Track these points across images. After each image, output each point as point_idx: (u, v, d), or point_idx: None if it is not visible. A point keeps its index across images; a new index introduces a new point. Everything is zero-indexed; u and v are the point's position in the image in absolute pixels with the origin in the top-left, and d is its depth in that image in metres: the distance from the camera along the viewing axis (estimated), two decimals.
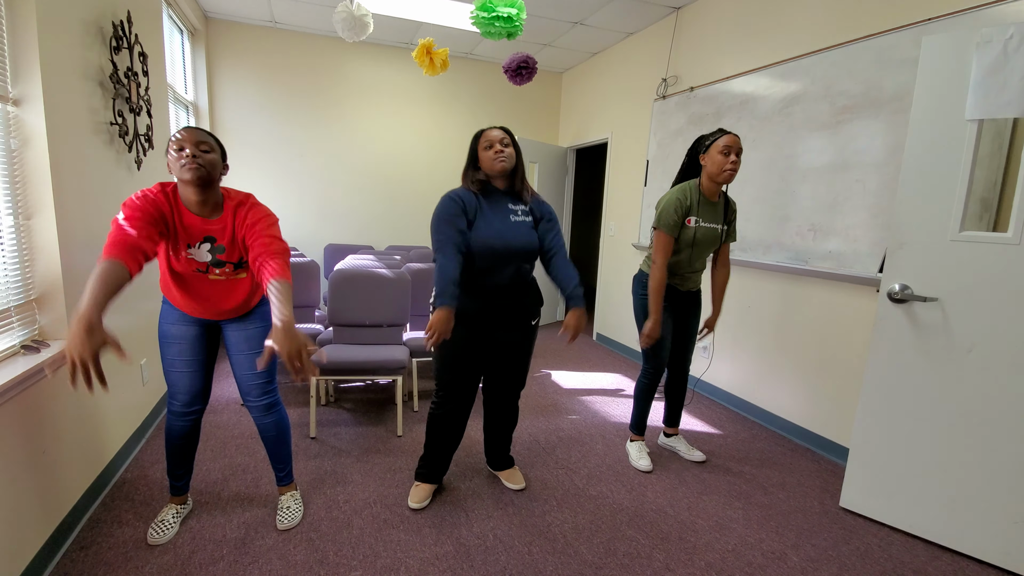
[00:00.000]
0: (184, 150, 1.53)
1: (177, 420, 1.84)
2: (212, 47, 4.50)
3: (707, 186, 2.24)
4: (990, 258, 1.82)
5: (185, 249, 1.62)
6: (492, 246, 1.90)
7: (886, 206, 2.41)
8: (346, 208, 5.13)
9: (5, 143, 1.64)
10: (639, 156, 4.34)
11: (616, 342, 4.74)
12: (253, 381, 1.87)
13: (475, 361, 2.04)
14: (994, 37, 1.76)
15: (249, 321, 1.85)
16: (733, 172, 2.15)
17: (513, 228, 1.95)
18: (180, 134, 1.57)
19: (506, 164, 1.93)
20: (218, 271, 1.69)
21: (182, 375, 1.79)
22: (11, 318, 1.66)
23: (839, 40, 2.65)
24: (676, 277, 2.34)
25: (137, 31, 2.56)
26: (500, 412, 2.23)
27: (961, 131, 1.84)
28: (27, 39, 1.68)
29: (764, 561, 1.87)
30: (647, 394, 2.49)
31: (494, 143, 1.93)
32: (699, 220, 2.24)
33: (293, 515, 1.97)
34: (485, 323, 1.99)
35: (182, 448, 1.89)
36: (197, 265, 1.66)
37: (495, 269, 1.94)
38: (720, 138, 2.16)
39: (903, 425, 2.03)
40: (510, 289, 2.00)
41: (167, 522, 1.88)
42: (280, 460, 2.01)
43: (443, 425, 2.08)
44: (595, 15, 4.06)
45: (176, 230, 1.59)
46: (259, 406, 1.90)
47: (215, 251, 1.65)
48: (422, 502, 2.11)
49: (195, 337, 1.79)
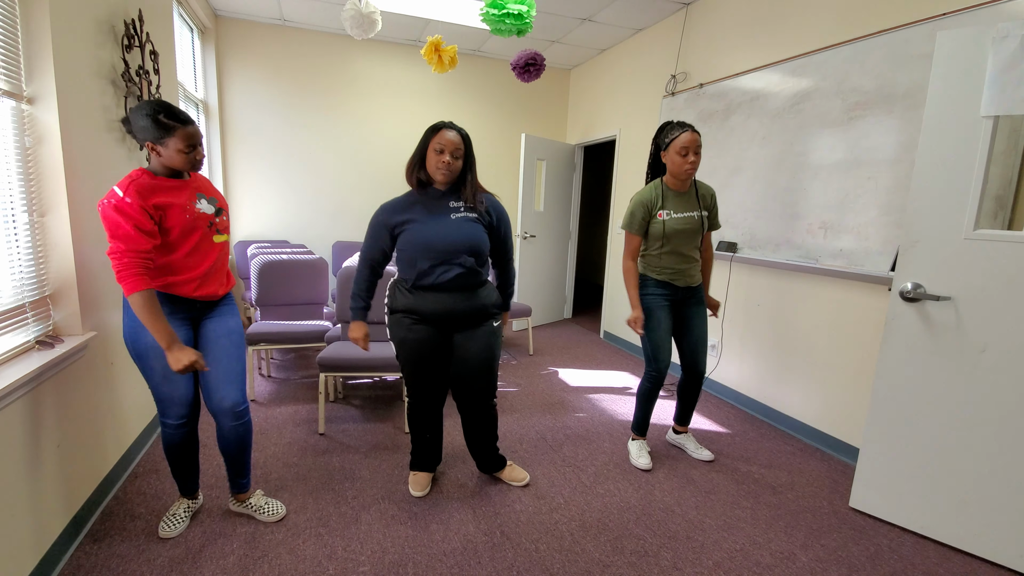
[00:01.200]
0: (196, 148, 1.65)
1: (174, 432, 1.79)
2: (222, 45, 4.53)
3: (672, 181, 2.29)
4: (1005, 257, 1.80)
5: (194, 203, 1.68)
6: (432, 245, 1.89)
7: (898, 204, 2.38)
8: (354, 205, 5.15)
9: (20, 141, 1.66)
10: (647, 153, 4.31)
11: (624, 340, 4.73)
12: (234, 381, 1.78)
13: (433, 361, 2.02)
14: (1011, 32, 1.73)
15: (228, 312, 1.86)
16: (692, 171, 2.20)
17: (454, 226, 1.92)
18: (191, 131, 1.62)
19: (448, 177, 1.91)
20: (218, 220, 1.77)
21: (175, 386, 1.71)
22: (26, 314, 1.68)
23: (851, 35, 2.62)
24: (669, 271, 2.32)
25: (148, 29, 2.58)
26: (472, 418, 2.16)
27: (976, 127, 1.81)
28: (41, 38, 1.70)
29: (773, 561, 1.86)
30: (649, 397, 2.47)
31: (446, 150, 1.87)
32: (670, 212, 2.26)
33: (274, 507, 1.98)
34: (438, 323, 1.98)
35: (183, 457, 1.86)
36: (208, 218, 1.72)
37: (437, 268, 1.91)
38: (678, 137, 2.17)
39: (914, 425, 2.01)
40: (458, 287, 1.95)
41: (178, 516, 1.90)
42: (243, 467, 1.92)
43: (417, 419, 2.13)
44: (604, 11, 4.04)
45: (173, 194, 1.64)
46: (236, 412, 1.78)
47: (211, 201, 1.76)
48: (423, 489, 2.17)
49: (183, 342, 1.67)
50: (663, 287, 2.33)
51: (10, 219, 1.62)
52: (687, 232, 2.28)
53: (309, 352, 4.07)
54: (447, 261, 1.91)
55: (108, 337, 2.10)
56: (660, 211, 2.26)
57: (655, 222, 2.27)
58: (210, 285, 1.77)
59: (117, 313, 2.20)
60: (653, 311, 2.34)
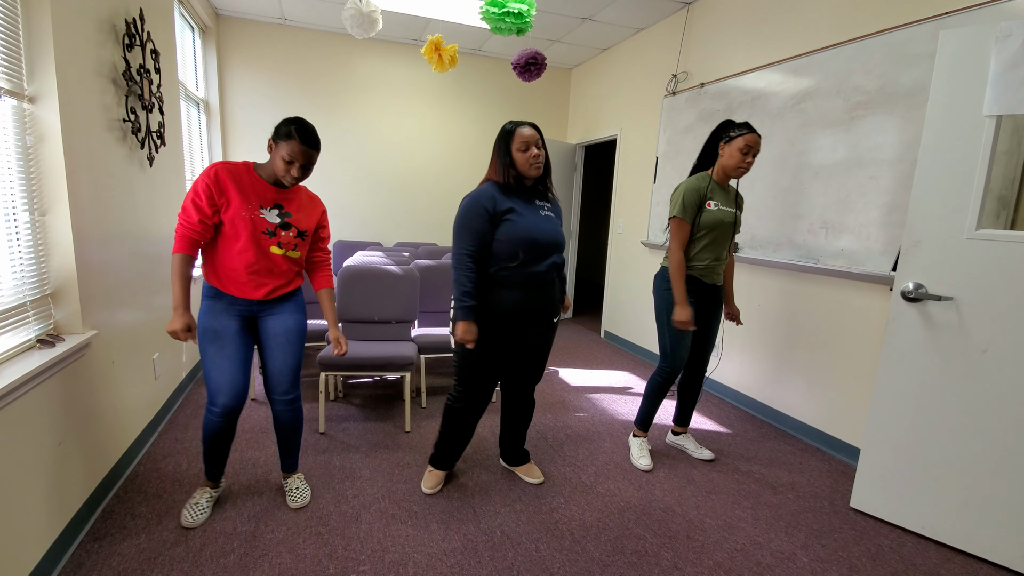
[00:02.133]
0: (294, 164, 1.74)
1: (216, 420, 1.86)
2: (223, 44, 4.53)
3: (719, 175, 2.29)
4: (1007, 257, 1.79)
5: (259, 209, 1.76)
6: (534, 238, 1.93)
7: (900, 203, 2.37)
8: (355, 204, 5.15)
9: (21, 140, 1.66)
10: (648, 153, 4.32)
11: (624, 340, 4.72)
12: (286, 374, 1.94)
13: (499, 359, 2.06)
14: (1014, 31, 1.72)
15: (288, 311, 1.93)
16: (746, 171, 2.22)
17: (545, 222, 2.00)
18: (300, 149, 1.71)
19: (541, 171, 1.98)
20: (283, 234, 1.82)
21: (224, 371, 1.81)
22: (27, 312, 1.68)
23: (853, 35, 2.61)
24: (703, 267, 2.29)
25: (149, 28, 2.58)
26: (518, 406, 2.25)
27: (979, 127, 1.81)
28: (42, 37, 1.70)
29: (773, 561, 1.85)
30: (659, 392, 2.45)
31: (531, 145, 1.92)
32: (718, 204, 2.26)
33: (303, 495, 2.08)
34: (515, 320, 1.99)
35: (220, 446, 1.94)
36: (267, 226, 1.78)
37: (535, 261, 1.96)
38: (745, 135, 2.17)
39: (916, 425, 2.01)
40: (549, 281, 2.04)
41: (200, 505, 1.94)
42: (291, 450, 2.09)
43: (460, 419, 2.13)
44: (605, 11, 4.04)
45: (249, 191, 1.76)
46: (286, 400, 1.97)
47: (283, 216, 1.82)
48: (435, 487, 2.19)
49: (236, 331, 1.83)
50: (691, 283, 2.31)
51: (11, 218, 1.62)
52: (727, 227, 2.28)
53: (309, 351, 4.06)
54: (544, 256, 1.97)
55: (109, 336, 2.10)
56: (709, 201, 2.25)
57: (706, 211, 2.24)
58: (262, 290, 1.84)
59: (118, 312, 2.20)
60: None
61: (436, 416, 2.97)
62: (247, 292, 1.82)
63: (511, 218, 1.91)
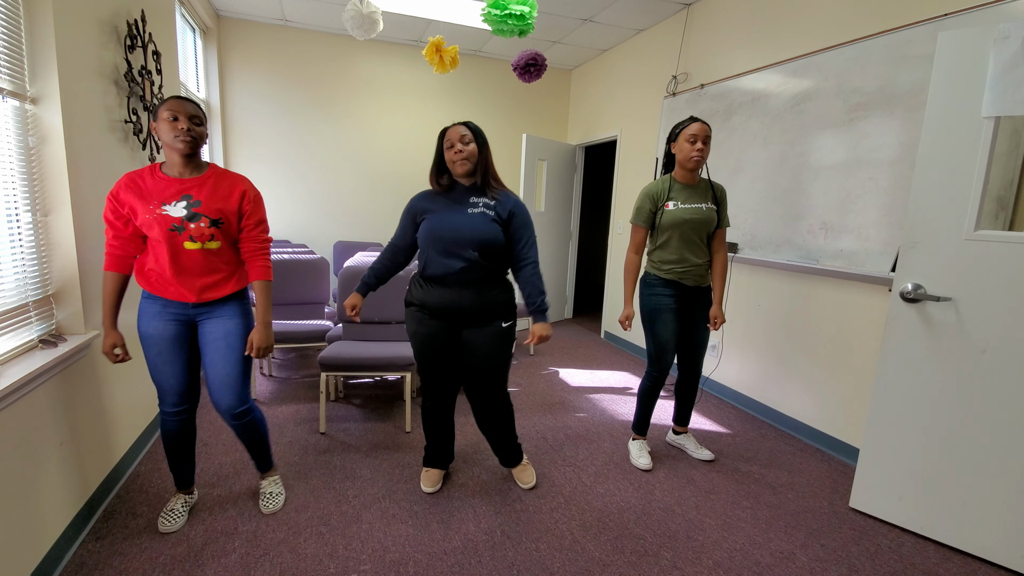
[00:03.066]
0: (178, 120, 1.63)
1: (169, 420, 1.84)
2: (224, 45, 4.54)
3: (680, 173, 2.30)
4: (1006, 258, 1.80)
5: (160, 206, 1.64)
6: (439, 235, 1.94)
7: (899, 204, 2.38)
8: (356, 205, 5.16)
9: (23, 141, 1.67)
10: (648, 153, 4.32)
11: (624, 340, 4.73)
12: (229, 384, 1.80)
13: (442, 355, 2.04)
14: (1012, 33, 1.73)
15: (228, 314, 1.78)
16: (700, 159, 2.21)
17: (467, 219, 1.93)
18: (174, 104, 1.63)
19: (467, 164, 1.94)
20: (194, 226, 1.66)
21: (165, 376, 1.78)
22: (29, 313, 1.69)
23: (853, 36, 2.62)
24: (681, 270, 2.29)
25: (151, 30, 2.59)
26: (481, 412, 2.17)
27: (977, 128, 1.82)
28: (44, 38, 1.70)
29: (772, 561, 1.86)
30: (649, 396, 2.48)
31: (455, 142, 1.93)
32: (677, 203, 2.26)
33: (275, 500, 2.05)
34: (446, 318, 2.00)
35: (178, 446, 1.89)
36: (171, 222, 1.63)
37: (442, 258, 1.94)
38: (688, 126, 2.21)
39: (914, 426, 2.02)
40: (464, 282, 1.95)
41: (176, 511, 1.92)
42: (257, 454, 2.04)
43: (430, 417, 2.17)
44: (605, 12, 4.04)
45: (150, 193, 1.65)
46: (232, 416, 1.84)
47: (191, 206, 1.67)
48: (434, 486, 2.21)
49: (173, 337, 1.75)
50: (670, 287, 2.31)
51: (14, 218, 1.63)
52: (694, 223, 2.26)
53: (310, 352, 4.08)
54: (453, 253, 1.93)
55: None
56: (667, 202, 2.27)
57: (664, 212, 2.26)
58: (188, 288, 1.71)
59: (120, 312, 2.20)
60: (660, 312, 2.33)
61: None
62: (176, 294, 1.71)
63: (426, 217, 1.99)
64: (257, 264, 1.80)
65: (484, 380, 2.08)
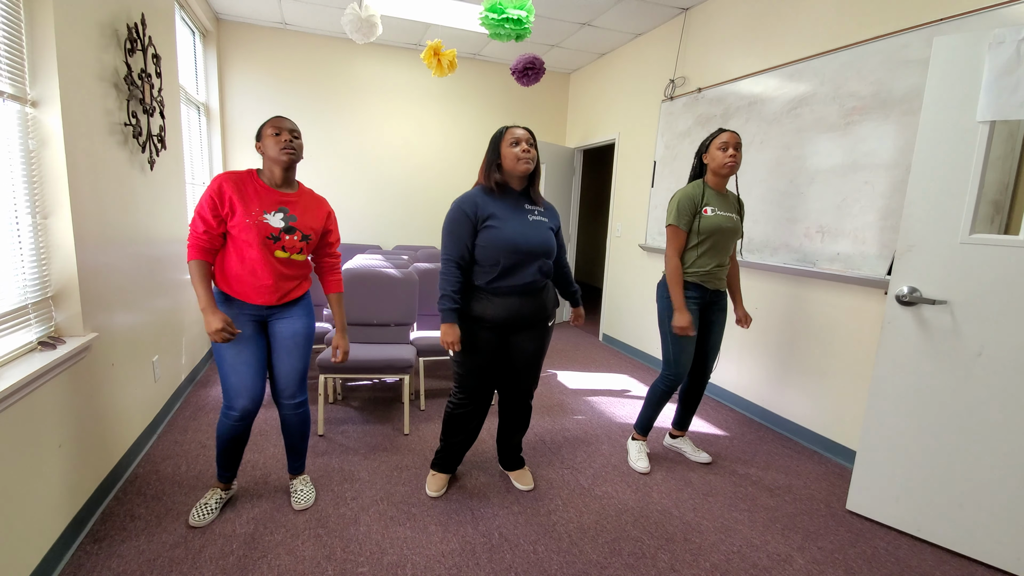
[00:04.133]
0: (281, 135, 1.79)
1: (234, 425, 1.89)
2: (223, 48, 4.55)
3: (713, 181, 2.32)
4: (1001, 261, 1.81)
5: (262, 214, 1.78)
6: (516, 244, 1.91)
7: (895, 208, 2.39)
8: (354, 208, 5.17)
9: (23, 144, 1.68)
10: (646, 157, 4.34)
11: (622, 343, 4.74)
12: (294, 377, 1.96)
13: (495, 366, 2.07)
14: (1007, 38, 1.75)
15: (297, 314, 1.94)
16: (733, 164, 2.24)
17: (533, 227, 1.96)
18: (276, 120, 1.82)
19: (530, 166, 1.94)
20: (288, 238, 1.82)
21: (243, 375, 1.84)
22: (28, 315, 1.69)
23: (849, 41, 2.64)
24: (705, 273, 2.30)
25: (151, 33, 2.60)
26: (514, 414, 2.23)
27: (972, 133, 1.83)
28: (45, 42, 1.71)
29: (769, 563, 1.86)
30: (661, 399, 2.45)
31: (521, 141, 1.92)
32: (715, 209, 2.27)
33: (307, 496, 2.09)
34: (505, 327, 2.00)
35: (235, 448, 1.96)
36: (271, 231, 1.78)
37: (518, 268, 1.94)
38: (718, 136, 2.26)
39: (911, 428, 2.02)
40: (535, 288, 2.01)
41: (209, 506, 1.96)
42: (298, 453, 2.11)
43: (460, 425, 2.14)
44: (603, 16, 4.06)
45: (252, 198, 1.78)
46: (293, 404, 1.99)
47: (288, 219, 1.83)
48: (439, 490, 2.21)
49: (251, 336, 1.86)
50: (694, 289, 2.32)
51: (13, 221, 1.63)
52: (728, 231, 2.28)
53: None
54: (529, 263, 1.95)
55: (110, 338, 2.11)
56: (705, 207, 2.28)
57: (704, 217, 2.26)
58: (269, 295, 1.84)
59: (118, 314, 2.21)
60: None
61: (435, 419, 2.97)
62: (257, 297, 1.83)
63: (492, 224, 1.90)
64: (334, 278, 2.05)
65: (527, 379, 2.13)
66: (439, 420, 2.95)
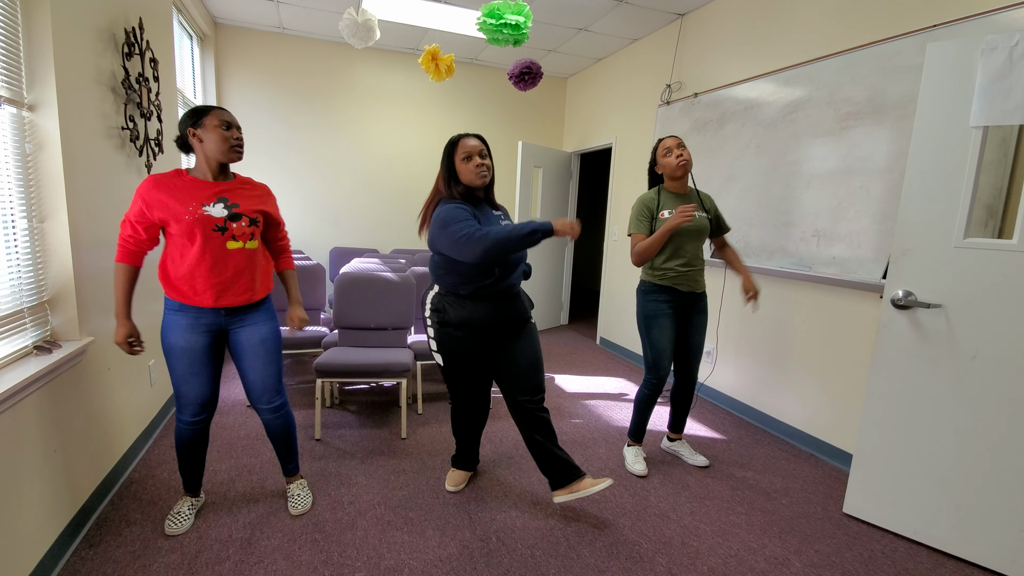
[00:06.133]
0: (231, 130, 1.73)
1: (187, 428, 1.88)
2: (221, 52, 4.55)
3: (671, 185, 2.38)
4: (995, 265, 1.82)
5: (201, 207, 1.68)
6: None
7: (890, 212, 2.41)
8: (352, 212, 5.17)
9: (20, 147, 1.67)
10: (643, 161, 4.35)
11: (619, 346, 4.74)
12: (269, 382, 1.92)
13: (483, 370, 2.07)
14: (999, 44, 1.76)
15: (260, 320, 1.87)
16: (684, 163, 2.30)
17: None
18: (224, 113, 1.73)
19: (487, 178, 1.95)
20: (236, 226, 1.73)
21: (192, 387, 1.81)
22: (24, 319, 1.69)
23: (844, 46, 2.66)
24: (675, 275, 2.32)
25: (148, 37, 2.60)
26: (529, 425, 2.03)
27: (966, 138, 1.85)
28: (42, 46, 1.71)
29: (767, 566, 1.86)
30: (647, 404, 2.49)
31: (473, 155, 1.90)
32: (671, 212, 2.31)
33: (303, 501, 2.08)
34: (490, 331, 1.99)
35: (193, 453, 1.94)
36: (214, 222, 1.69)
37: (508, 274, 1.95)
38: (660, 142, 2.37)
39: (907, 431, 2.03)
40: (512, 294, 2.03)
41: (183, 514, 1.93)
42: (288, 455, 2.09)
43: (462, 424, 2.21)
44: (600, 21, 4.09)
45: (185, 195, 1.69)
46: (271, 408, 1.96)
47: (230, 207, 1.74)
48: (458, 485, 2.27)
49: (205, 348, 1.79)
50: (666, 292, 2.35)
51: (10, 225, 1.63)
52: (689, 232, 2.30)
53: (305, 358, 4.07)
54: (514, 266, 1.97)
55: (105, 342, 2.10)
56: (662, 211, 2.32)
57: (657, 222, 2.32)
58: (229, 295, 1.76)
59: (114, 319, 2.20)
60: (657, 318, 2.35)
61: (432, 423, 2.97)
62: (209, 301, 1.72)
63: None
64: (286, 257, 2.04)
65: (531, 381, 2.02)
66: (437, 424, 2.95)
